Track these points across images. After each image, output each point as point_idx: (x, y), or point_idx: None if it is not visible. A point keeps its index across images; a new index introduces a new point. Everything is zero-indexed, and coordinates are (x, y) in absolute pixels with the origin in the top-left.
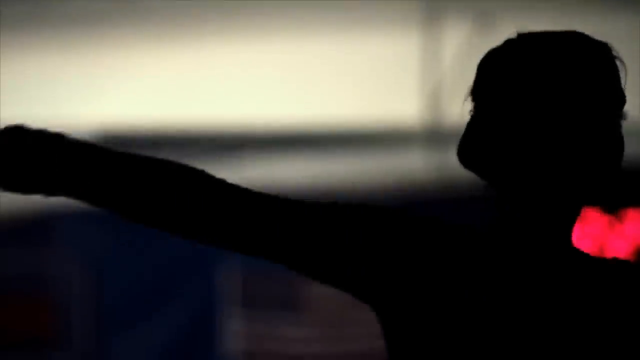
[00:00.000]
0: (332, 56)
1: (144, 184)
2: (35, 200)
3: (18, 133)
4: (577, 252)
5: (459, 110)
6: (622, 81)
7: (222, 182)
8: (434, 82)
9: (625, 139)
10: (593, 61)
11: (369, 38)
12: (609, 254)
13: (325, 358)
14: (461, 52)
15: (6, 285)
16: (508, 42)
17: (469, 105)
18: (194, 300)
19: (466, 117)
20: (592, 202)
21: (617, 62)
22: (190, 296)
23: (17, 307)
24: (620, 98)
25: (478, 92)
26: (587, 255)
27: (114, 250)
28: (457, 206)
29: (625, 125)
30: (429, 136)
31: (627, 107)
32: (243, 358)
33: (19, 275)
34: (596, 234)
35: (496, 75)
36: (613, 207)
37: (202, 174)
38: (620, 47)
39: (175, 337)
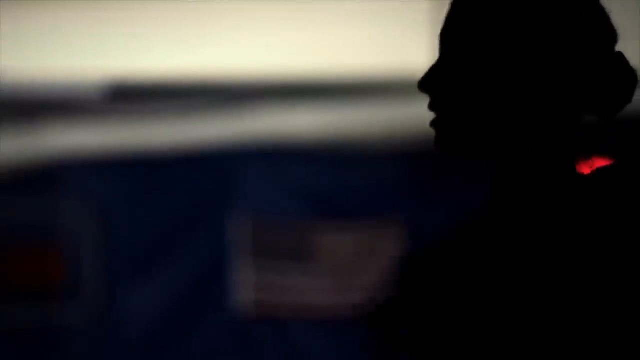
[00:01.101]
0: (342, 6)
1: None
2: (43, 151)
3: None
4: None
5: None
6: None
7: None
8: None
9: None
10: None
11: None
12: None
13: (337, 308)
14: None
15: (15, 235)
16: None
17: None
18: (203, 250)
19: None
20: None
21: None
22: (199, 246)
23: (26, 258)
24: (611, 34)
25: (449, 32)
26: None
27: (122, 199)
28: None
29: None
30: None
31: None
32: (253, 308)
33: (28, 225)
34: None
35: (470, 13)
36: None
37: None
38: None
39: (184, 287)
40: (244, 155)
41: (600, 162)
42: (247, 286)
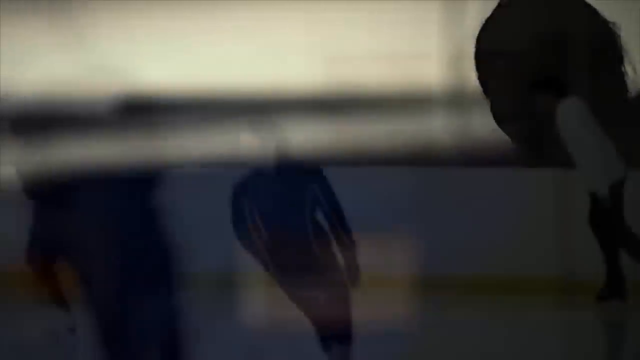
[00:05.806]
0: (354, 22)
1: None
2: (54, 164)
3: None
4: None
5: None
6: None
7: None
8: (456, 46)
9: None
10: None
11: (390, 2)
12: None
13: (349, 321)
14: (482, 16)
15: (25, 248)
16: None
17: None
18: (214, 263)
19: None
20: None
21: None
22: (210, 259)
23: (37, 270)
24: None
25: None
26: None
27: (132, 213)
28: (478, 168)
29: None
30: (451, 100)
31: None
32: (264, 321)
33: (39, 238)
34: None
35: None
36: None
37: None
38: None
39: (194, 300)
40: (256, 169)
41: None
42: (258, 299)
